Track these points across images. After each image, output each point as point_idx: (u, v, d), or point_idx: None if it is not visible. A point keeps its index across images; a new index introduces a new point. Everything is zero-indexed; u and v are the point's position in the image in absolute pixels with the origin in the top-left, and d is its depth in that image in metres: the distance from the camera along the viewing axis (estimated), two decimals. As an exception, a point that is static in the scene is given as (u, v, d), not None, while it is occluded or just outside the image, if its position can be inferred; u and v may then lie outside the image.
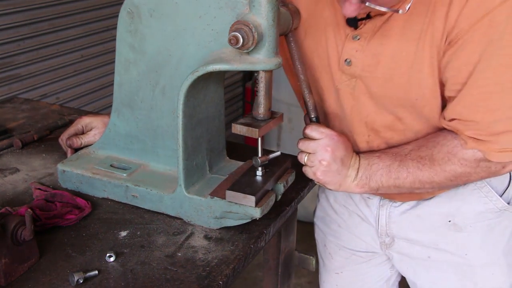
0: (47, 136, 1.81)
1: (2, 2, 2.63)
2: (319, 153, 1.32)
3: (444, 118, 1.29)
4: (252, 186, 1.30)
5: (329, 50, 1.37)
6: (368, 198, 1.61)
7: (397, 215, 1.56)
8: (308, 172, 1.36)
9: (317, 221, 1.82)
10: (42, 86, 2.93)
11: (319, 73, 1.41)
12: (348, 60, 1.34)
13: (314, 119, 1.41)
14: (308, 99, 1.40)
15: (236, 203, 1.28)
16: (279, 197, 1.39)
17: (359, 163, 1.36)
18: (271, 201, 1.32)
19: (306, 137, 1.36)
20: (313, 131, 1.34)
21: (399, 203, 1.55)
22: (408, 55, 1.26)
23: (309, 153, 1.34)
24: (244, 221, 1.33)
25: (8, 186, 1.51)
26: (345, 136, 1.37)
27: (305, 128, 1.36)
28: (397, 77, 1.29)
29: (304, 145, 1.35)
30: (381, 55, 1.29)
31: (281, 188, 1.38)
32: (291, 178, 1.44)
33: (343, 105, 1.41)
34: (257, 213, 1.27)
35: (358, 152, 1.39)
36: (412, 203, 1.54)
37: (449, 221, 1.50)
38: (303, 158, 1.35)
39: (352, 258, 1.74)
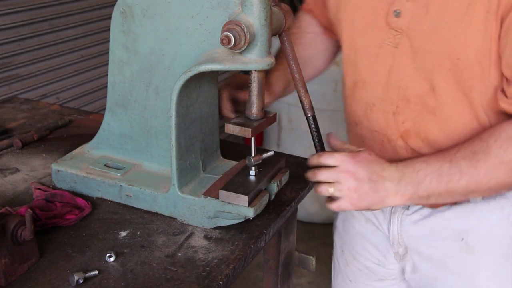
0: (47, 136, 1.81)
1: (2, 2, 2.64)
2: (343, 181, 1.21)
3: (506, 97, 1.18)
4: (246, 185, 1.30)
5: (376, 4, 1.33)
6: None
7: (409, 224, 1.47)
8: (343, 205, 1.23)
9: (338, 224, 1.75)
10: (42, 86, 2.93)
11: (359, 34, 1.37)
12: (397, 11, 1.28)
13: (310, 118, 1.40)
14: (303, 98, 1.40)
15: (229, 203, 1.28)
16: (273, 196, 1.39)
17: (401, 172, 1.23)
18: (264, 200, 1.32)
19: (319, 167, 1.24)
20: (327, 158, 1.23)
21: (411, 210, 1.46)
22: (460, 6, 1.18)
23: (332, 183, 1.22)
24: (238, 221, 1.33)
25: (8, 186, 1.51)
26: (363, 152, 1.25)
27: (315, 157, 1.26)
28: (442, 30, 1.21)
29: (323, 175, 1.23)
30: (431, 4, 1.22)
31: (274, 187, 1.38)
32: (285, 178, 1.44)
33: (378, 68, 1.34)
34: (250, 212, 1.27)
35: (399, 160, 1.28)
36: (425, 212, 1.43)
37: (462, 239, 1.39)
38: (329, 191, 1.23)
39: (364, 272, 1.66)
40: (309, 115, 1.40)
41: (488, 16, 1.15)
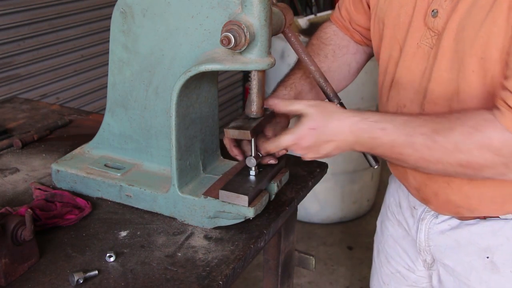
0: (47, 136, 1.81)
1: (2, 2, 2.64)
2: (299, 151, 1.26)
3: (502, 86, 1.12)
4: (245, 185, 1.30)
5: (418, 2, 1.30)
6: (414, 208, 1.50)
7: (436, 233, 1.44)
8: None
9: (377, 224, 1.73)
10: (42, 86, 2.94)
11: (403, 32, 1.34)
12: (435, 11, 1.25)
13: (338, 104, 1.36)
14: (325, 87, 1.36)
15: (229, 203, 1.28)
16: (273, 196, 1.39)
17: (356, 136, 1.21)
18: (264, 200, 1.32)
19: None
20: (279, 144, 1.25)
21: (440, 219, 1.42)
22: (487, 3, 1.14)
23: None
24: (238, 221, 1.33)
25: (8, 186, 1.51)
26: (304, 127, 1.22)
27: (267, 148, 1.28)
28: (468, 28, 1.18)
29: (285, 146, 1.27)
30: (462, 2, 1.19)
31: (274, 187, 1.38)
32: (284, 178, 1.43)
33: (414, 69, 1.31)
34: (250, 212, 1.27)
35: (357, 114, 1.24)
36: (453, 223, 1.40)
37: (487, 258, 1.35)
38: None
39: (397, 276, 1.64)
40: (336, 102, 1.37)
41: (510, 13, 1.11)
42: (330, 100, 1.38)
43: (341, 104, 1.37)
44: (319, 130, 1.21)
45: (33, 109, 2.04)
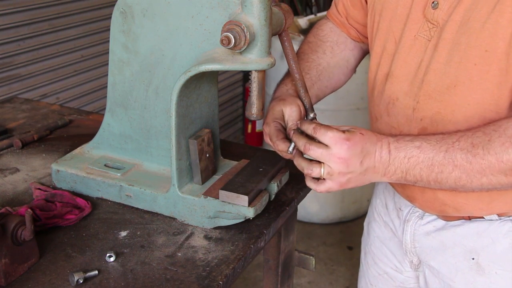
0: (47, 136, 1.81)
1: (2, 2, 2.64)
2: (334, 166, 1.15)
3: None
4: (246, 185, 1.30)
5: None
6: (400, 209, 1.50)
7: (421, 235, 1.44)
8: (333, 187, 1.19)
9: (364, 226, 1.73)
10: (42, 86, 2.94)
11: (400, 25, 1.33)
12: (435, 3, 1.24)
13: (311, 118, 1.40)
14: (304, 98, 1.39)
15: (229, 203, 1.28)
16: (273, 196, 1.39)
17: (392, 155, 1.17)
18: (264, 200, 1.32)
19: (312, 141, 1.18)
20: (322, 135, 1.16)
21: (425, 220, 1.42)
22: None
23: (322, 164, 1.17)
24: (238, 221, 1.33)
25: (8, 186, 1.51)
26: (356, 134, 1.17)
27: (309, 127, 1.19)
28: (473, 20, 1.16)
29: (316, 152, 1.16)
30: None
31: (274, 187, 1.38)
32: (284, 178, 1.44)
33: (410, 62, 1.30)
34: (250, 212, 1.27)
35: (392, 135, 1.20)
36: (438, 224, 1.40)
37: (473, 259, 1.34)
38: (320, 172, 1.17)
39: (384, 277, 1.63)
40: (311, 115, 1.40)
41: None
42: (306, 111, 1.38)
43: (314, 118, 1.38)
44: (367, 136, 1.18)
45: (33, 109, 2.04)
